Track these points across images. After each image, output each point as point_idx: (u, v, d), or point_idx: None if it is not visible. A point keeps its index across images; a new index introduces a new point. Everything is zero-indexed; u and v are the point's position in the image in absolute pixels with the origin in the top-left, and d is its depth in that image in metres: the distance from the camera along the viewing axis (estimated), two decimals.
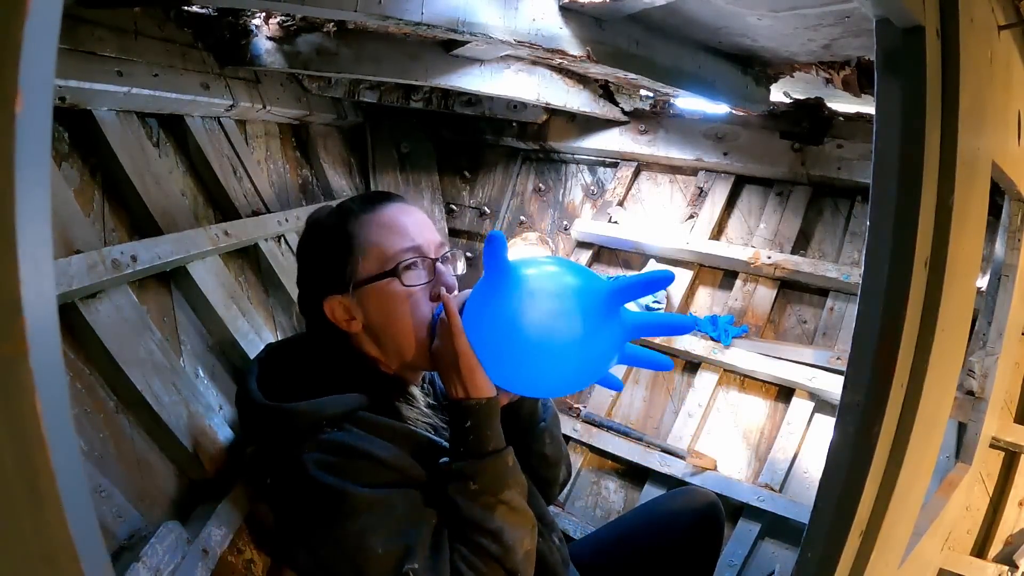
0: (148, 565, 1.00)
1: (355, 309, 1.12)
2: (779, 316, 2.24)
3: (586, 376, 1.09)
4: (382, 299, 1.10)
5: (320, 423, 1.03)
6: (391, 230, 1.12)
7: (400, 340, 1.12)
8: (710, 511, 1.44)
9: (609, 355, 1.07)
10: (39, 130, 0.31)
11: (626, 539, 1.47)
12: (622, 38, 1.75)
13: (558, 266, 1.10)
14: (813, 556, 0.90)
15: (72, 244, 1.17)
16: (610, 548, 1.46)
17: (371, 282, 1.10)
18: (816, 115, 2.19)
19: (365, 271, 1.11)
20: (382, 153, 2.52)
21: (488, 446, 1.03)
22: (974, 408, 1.63)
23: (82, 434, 1.09)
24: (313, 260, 1.17)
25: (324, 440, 1.01)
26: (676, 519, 1.44)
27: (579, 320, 1.02)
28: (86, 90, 1.27)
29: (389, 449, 1.03)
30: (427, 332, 1.10)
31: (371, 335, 1.14)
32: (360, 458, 1.00)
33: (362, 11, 1.29)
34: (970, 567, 1.60)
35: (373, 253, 1.11)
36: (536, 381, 1.08)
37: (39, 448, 0.31)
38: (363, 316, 1.12)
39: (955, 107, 0.88)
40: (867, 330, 0.86)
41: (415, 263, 1.11)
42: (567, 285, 1.04)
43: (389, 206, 1.15)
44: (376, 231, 1.12)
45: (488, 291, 1.04)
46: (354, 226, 1.12)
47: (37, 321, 0.31)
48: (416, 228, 1.14)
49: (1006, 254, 1.61)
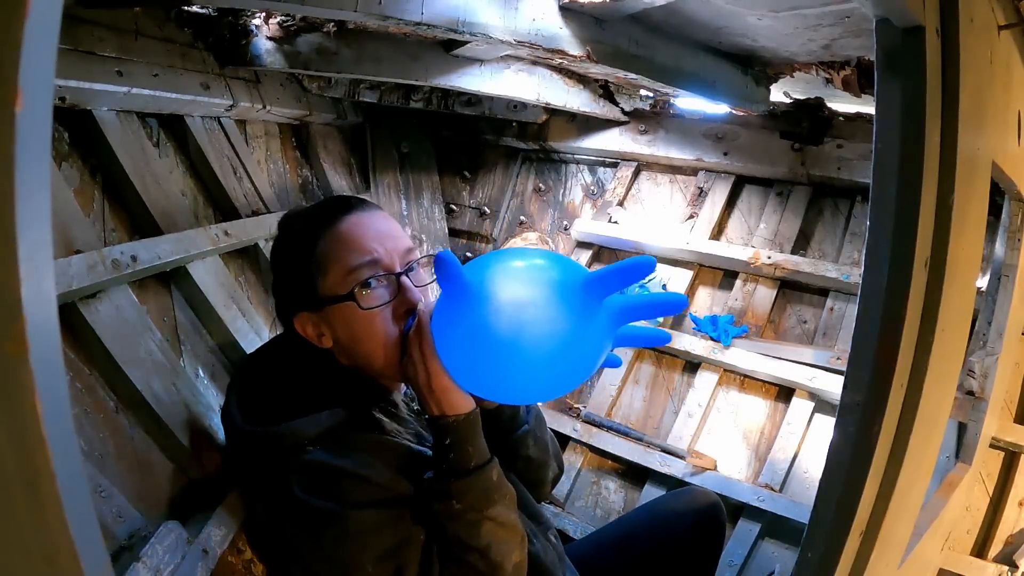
0: (148, 565, 1.00)
1: (323, 327, 1.08)
2: (779, 316, 2.24)
3: (577, 374, 0.98)
4: (346, 320, 1.05)
5: (302, 444, 1.01)
6: (348, 245, 1.05)
7: (371, 359, 1.07)
8: (711, 511, 1.44)
9: (597, 347, 0.98)
10: (39, 130, 0.31)
11: (627, 539, 1.47)
12: (622, 38, 1.75)
13: (525, 260, 0.99)
14: (813, 556, 0.90)
15: (72, 244, 1.17)
16: (612, 548, 1.46)
17: (333, 303, 1.05)
18: (816, 115, 2.19)
19: (327, 290, 1.06)
20: (382, 153, 2.52)
21: (470, 462, 1.00)
22: (974, 408, 1.63)
23: (82, 434, 1.09)
24: (281, 273, 1.14)
25: (307, 461, 1.00)
26: (678, 519, 1.44)
27: (554, 317, 0.92)
28: (86, 90, 1.27)
29: (372, 465, 1.01)
30: (396, 349, 1.04)
31: (343, 350, 1.10)
32: (344, 477, 0.99)
33: (362, 11, 1.29)
34: (970, 567, 1.60)
35: (333, 270, 1.05)
36: (519, 388, 0.99)
37: (39, 448, 0.31)
38: (331, 333, 1.08)
39: (955, 107, 0.88)
40: (867, 330, 0.86)
41: (373, 280, 1.04)
42: (536, 281, 0.95)
43: (348, 217, 1.08)
44: (334, 246, 1.06)
45: (450, 306, 0.96)
46: (314, 240, 1.07)
47: (37, 321, 0.31)
48: (376, 239, 1.06)
49: (1006, 254, 1.61)
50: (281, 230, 1.17)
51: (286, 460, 1.01)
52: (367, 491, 0.99)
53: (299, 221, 1.14)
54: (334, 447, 1.02)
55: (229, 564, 1.19)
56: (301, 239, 1.10)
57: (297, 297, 1.10)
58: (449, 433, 0.99)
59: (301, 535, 0.98)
